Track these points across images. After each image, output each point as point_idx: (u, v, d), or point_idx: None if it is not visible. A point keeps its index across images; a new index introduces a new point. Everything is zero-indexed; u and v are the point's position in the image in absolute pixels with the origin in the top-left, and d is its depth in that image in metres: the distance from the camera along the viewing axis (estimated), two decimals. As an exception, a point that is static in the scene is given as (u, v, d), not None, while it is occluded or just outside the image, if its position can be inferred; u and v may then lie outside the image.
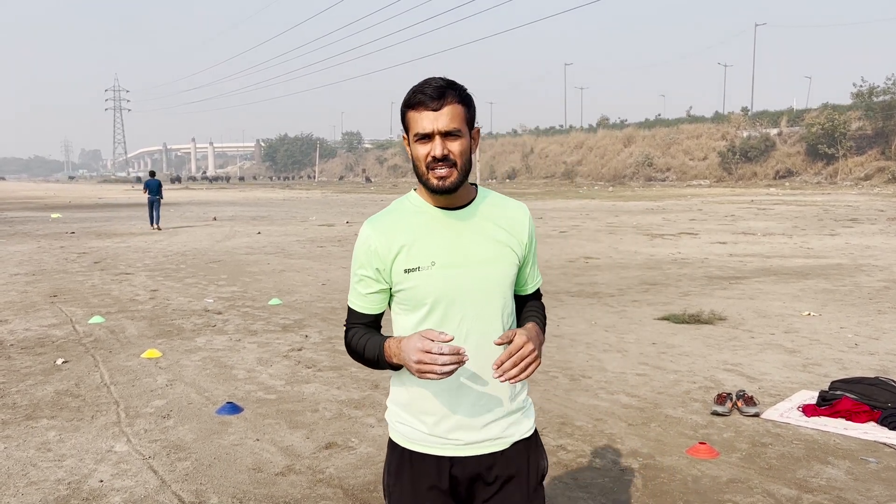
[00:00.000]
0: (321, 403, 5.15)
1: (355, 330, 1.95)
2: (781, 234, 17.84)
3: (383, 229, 1.87)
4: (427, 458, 1.90)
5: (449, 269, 1.83)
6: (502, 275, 1.88)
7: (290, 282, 10.80)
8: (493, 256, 1.87)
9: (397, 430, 1.95)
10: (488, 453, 1.90)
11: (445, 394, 1.87)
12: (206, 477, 3.92)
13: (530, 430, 1.98)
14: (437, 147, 1.76)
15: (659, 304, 8.72)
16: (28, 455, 4.23)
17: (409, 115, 1.80)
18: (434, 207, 1.87)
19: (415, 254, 1.84)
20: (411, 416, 1.92)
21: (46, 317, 8.25)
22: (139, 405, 5.12)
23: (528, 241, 1.94)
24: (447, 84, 1.79)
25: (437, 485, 1.89)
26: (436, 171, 1.77)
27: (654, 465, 4.04)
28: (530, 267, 1.99)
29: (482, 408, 1.88)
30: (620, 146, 73.04)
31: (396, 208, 1.92)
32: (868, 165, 53.00)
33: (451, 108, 1.76)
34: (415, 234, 1.85)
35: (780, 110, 66.47)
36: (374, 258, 1.86)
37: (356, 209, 31.17)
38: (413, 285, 1.84)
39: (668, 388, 5.44)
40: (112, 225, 22.79)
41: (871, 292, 9.44)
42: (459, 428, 1.88)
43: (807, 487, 3.73)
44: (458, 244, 1.85)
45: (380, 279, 1.88)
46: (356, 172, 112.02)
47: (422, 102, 1.76)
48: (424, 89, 1.77)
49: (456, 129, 1.77)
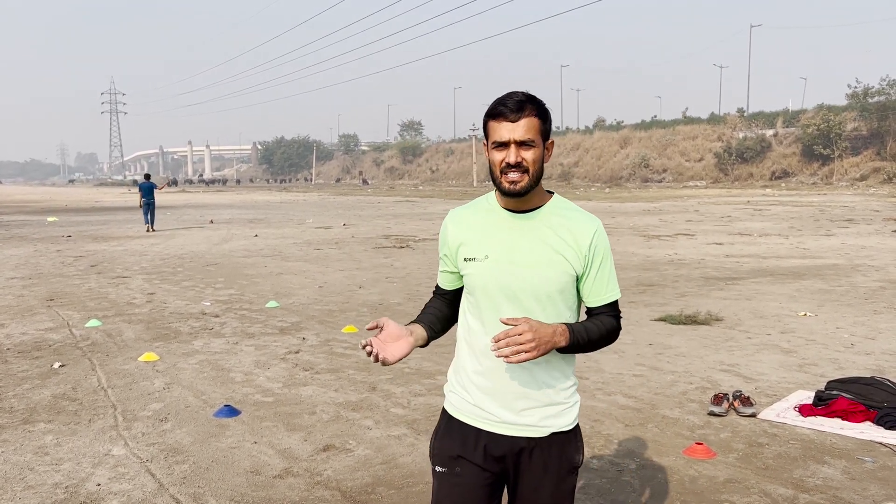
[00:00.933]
0: (319, 406, 5.16)
1: (432, 299, 2.24)
2: (777, 234, 17.88)
3: (456, 220, 2.12)
4: (466, 427, 2.06)
5: (497, 265, 2.00)
6: (546, 279, 1.98)
7: (288, 284, 10.79)
8: (542, 260, 1.98)
9: (449, 400, 2.14)
10: (523, 436, 2.03)
11: (493, 372, 2.02)
12: (204, 480, 3.92)
13: (570, 426, 2.08)
14: (512, 154, 1.92)
15: (656, 305, 8.74)
16: (25, 459, 4.23)
17: (489, 125, 1.97)
18: (501, 208, 2.05)
19: (475, 245, 2.04)
20: (461, 388, 2.10)
21: (43, 320, 8.24)
22: (136, 408, 5.12)
23: (590, 253, 2.01)
24: (527, 98, 1.95)
25: (471, 454, 2.05)
26: (508, 175, 1.94)
27: (652, 466, 4.05)
28: (593, 279, 2.04)
29: (523, 393, 2.02)
30: (617, 147, 73.17)
31: (473, 204, 2.14)
32: (863, 166, 53.17)
33: (528, 120, 1.93)
34: (479, 229, 2.06)
35: (776, 111, 66.71)
36: (444, 243, 2.13)
37: (353, 211, 31.17)
38: (469, 273, 2.05)
39: (665, 389, 5.45)
40: (109, 228, 22.76)
41: (867, 292, 9.46)
42: (499, 406, 2.03)
43: (803, 487, 3.74)
44: (512, 243, 2.01)
45: (449, 262, 2.13)
46: (353, 175, 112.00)
47: (502, 114, 1.93)
48: (506, 102, 1.94)
49: (530, 139, 1.93)
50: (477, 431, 2.05)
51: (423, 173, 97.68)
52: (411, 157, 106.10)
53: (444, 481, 2.09)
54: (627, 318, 8.05)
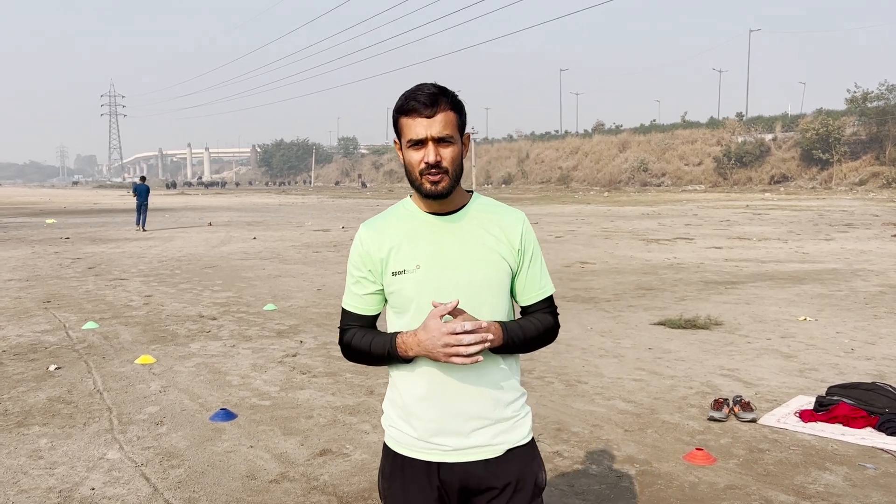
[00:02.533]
0: (316, 410, 5.12)
1: (353, 331, 1.95)
2: (777, 238, 17.86)
3: (375, 232, 1.92)
4: (416, 463, 1.90)
5: (433, 273, 1.85)
6: (488, 280, 1.86)
7: (286, 287, 10.76)
8: (478, 261, 1.86)
9: (390, 435, 1.96)
10: (477, 460, 1.87)
11: (433, 398, 1.87)
12: (199, 484, 3.88)
13: (525, 439, 1.93)
14: (430, 153, 1.78)
15: (655, 310, 8.71)
16: (19, 463, 4.18)
17: (401, 122, 1.82)
18: (424, 212, 1.90)
19: (402, 257, 1.87)
20: (402, 421, 1.92)
21: (40, 322, 8.19)
22: (132, 412, 5.08)
23: (521, 248, 1.91)
24: (439, 90, 1.81)
25: (427, 490, 1.89)
26: (428, 176, 1.80)
27: (651, 472, 4.01)
28: (526, 275, 1.93)
29: (469, 413, 1.86)
30: (616, 151, 73.19)
31: (390, 212, 1.96)
32: (862, 170, 53.21)
33: (444, 115, 1.79)
34: (403, 238, 1.88)
35: (775, 116, 66.77)
36: (367, 259, 1.91)
37: (352, 214, 31.14)
38: (399, 288, 1.87)
39: (665, 394, 5.41)
40: (107, 230, 22.72)
41: (867, 297, 9.44)
42: (446, 433, 1.87)
43: (804, 494, 3.71)
44: (443, 248, 1.86)
45: (375, 280, 1.91)
46: (352, 178, 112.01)
47: (415, 109, 1.78)
48: (417, 96, 1.79)
49: (449, 135, 1.79)
50: (426, 465, 1.88)
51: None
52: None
53: None
54: (626, 322, 8.03)
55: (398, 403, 1.94)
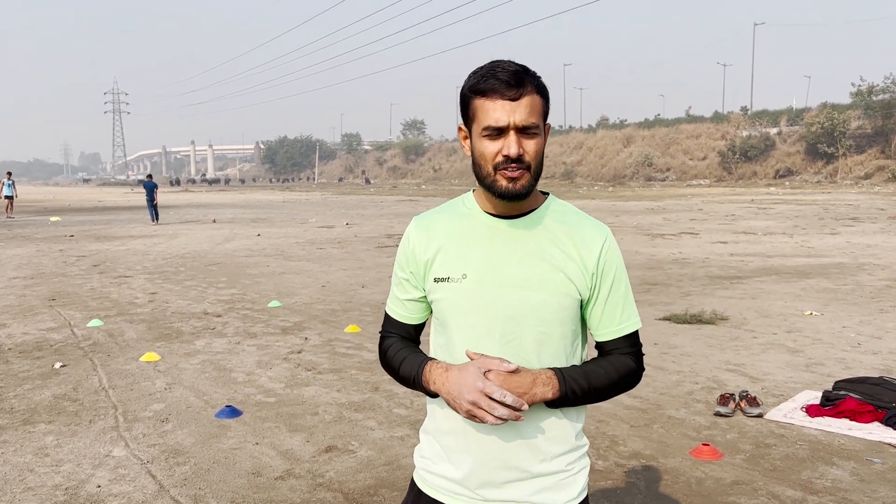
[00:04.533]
0: (321, 406, 5.12)
1: (392, 341, 1.71)
2: (782, 233, 17.81)
3: (424, 228, 1.64)
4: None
5: (479, 286, 1.55)
6: (545, 304, 1.54)
7: (290, 284, 10.76)
8: (538, 279, 1.54)
9: (417, 465, 1.75)
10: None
11: (466, 437, 1.59)
12: (205, 482, 3.89)
13: (573, 501, 1.61)
14: (513, 145, 1.47)
15: (660, 305, 8.69)
16: (25, 460, 4.19)
17: (476, 104, 1.50)
18: (482, 212, 1.61)
19: (447, 261, 1.59)
20: (433, 456, 1.68)
21: (45, 320, 8.21)
22: (137, 409, 5.09)
23: (599, 271, 1.58)
24: (524, 69, 1.50)
25: None
26: (506, 171, 1.49)
27: (657, 467, 4.00)
28: (603, 305, 1.60)
29: (506, 462, 1.58)
30: (620, 146, 73.06)
31: (446, 208, 1.68)
32: (868, 164, 53.02)
33: (531, 98, 1.48)
34: (454, 240, 1.60)
35: (780, 109, 66.54)
36: (412, 259, 1.64)
37: (356, 210, 31.15)
38: (440, 297, 1.60)
39: (671, 389, 5.40)
40: (111, 228, 22.76)
41: (873, 291, 9.40)
42: (477, 480, 1.60)
43: (812, 489, 3.69)
44: (498, 258, 1.56)
45: (417, 284, 1.65)
46: (356, 174, 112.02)
47: (496, 89, 1.46)
48: (498, 73, 1.47)
49: (534, 123, 1.49)
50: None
51: (425, 172, 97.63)
52: (414, 156, 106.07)
53: None
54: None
55: (432, 433, 1.69)
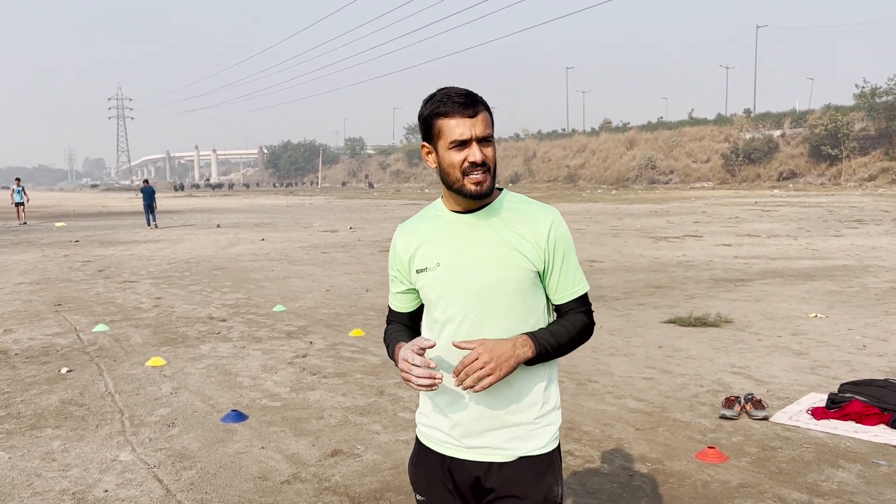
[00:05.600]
0: (326, 410, 5.13)
1: (388, 327, 2.08)
2: (786, 235, 17.78)
3: (405, 232, 1.99)
4: (433, 454, 1.97)
5: (451, 271, 1.87)
6: (505, 278, 1.85)
7: (294, 288, 10.78)
8: (497, 259, 1.85)
9: (417, 423, 2.06)
10: (486, 461, 1.89)
11: (450, 395, 1.91)
12: (211, 486, 3.90)
13: (541, 449, 1.90)
14: (476, 153, 1.80)
15: (665, 307, 8.68)
16: (32, 465, 4.21)
17: (440, 123, 1.82)
18: (449, 211, 1.93)
19: (425, 255, 1.92)
20: (428, 412, 2.00)
21: (51, 325, 8.24)
22: (144, 414, 5.10)
23: (549, 246, 1.87)
24: (471, 92, 1.84)
25: (442, 481, 1.95)
26: (472, 176, 1.82)
27: (663, 470, 4.00)
28: (557, 274, 1.90)
29: (483, 413, 1.88)
30: (623, 149, 73.02)
31: (422, 214, 2.02)
32: (872, 166, 52.91)
33: (483, 115, 1.82)
34: (427, 237, 1.93)
35: (783, 112, 66.43)
36: (396, 260, 2.00)
37: (359, 215, 31.19)
38: (422, 284, 1.93)
39: (676, 392, 5.40)
40: (116, 233, 22.82)
41: (878, 293, 9.38)
42: (460, 429, 1.91)
43: (818, 491, 3.69)
44: (464, 246, 1.88)
45: (403, 279, 1.99)
46: (359, 178, 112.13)
47: (455, 111, 1.80)
48: (454, 97, 1.80)
49: (489, 134, 1.83)
50: (441, 458, 1.94)
51: (428, 176, 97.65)
52: (417, 160, 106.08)
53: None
54: (636, 320, 8.00)
55: (427, 396, 2.00)
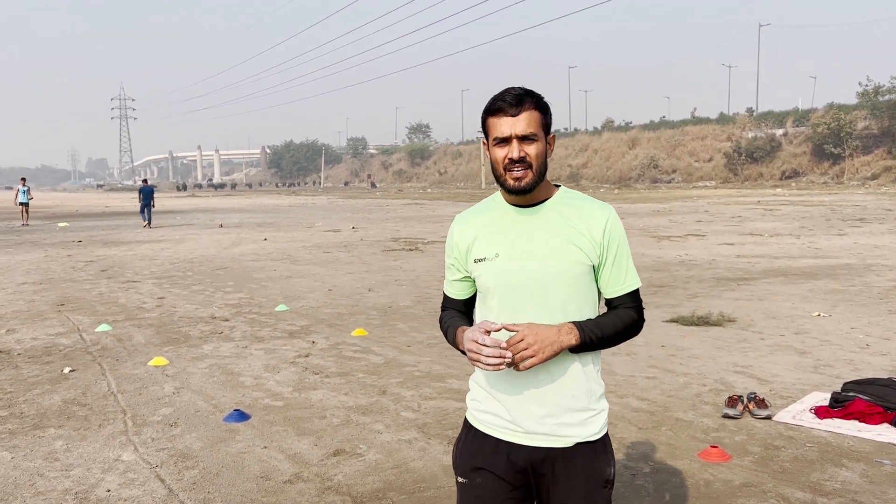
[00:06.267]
0: (329, 410, 5.13)
1: (445, 314, 2.14)
2: (789, 234, 17.75)
3: (463, 222, 2.07)
4: (488, 439, 2.00)
5: (510, 262, 1.94)
6: (562, 271, 1.92)
7: (297, 288, 10.78)
8: (555, 252, 1.92)
9: (469, 407, 2.09)
10: (544, 446, 1.95)
11: (509, 380, 1.96)
12: (214, 485, 3.90)
13: (596, 435, 1.98)
14: (514, 150, 1.88)
15: (667, 307, 8.67)
16: (35, 465, 4.21)
17: (489, 122, 1.93)
18: (508, 204, 2.00)
19: (483, 245, 1.99)
20: (482, 398, 2.04)
21: (53, 325, 8.25)
22: (146, 413, 5.11)
23: (605, 241, 1.95)
24: (525, 92, 1.91)
25: (492, 465, 1.99)
26: (512, 172, 1.89)
27: (666, 470, 3.99)
28: (610, 269, 1.98)
29: (541, 400, 1.94)
30: (625, 148, 72.96)
31: (480, 205, 2.09)
32: (875, 165, 52.80)
33: (529, 113, 1.88)
34: (487, 228, 2.01)
35: (786, 111, 66.32)
36: (454, 249, 2.06)
37: (362, 215, 31.19)
38: (480, 274, 2.00)
39: (679, 391, 5.39)
40: (119, 233, 22.85)
41: (882, 292, 9.36)
42: (519, 414, 1.96)
43: (821, 491, 3.68)
44: (522, 239, 1.95)
45: (460, 267, 2.06)
46: (361, 178, 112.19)
47: (501, 109, 1.89)
48: (504, 97, 1.89)
49: (532, 133, 1.88)
50: (497, 442, 1.99)
51: (431, 176, 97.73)
52: (419, 159, 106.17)
53: (465, 492, 2.05)
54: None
55: (479, 382, 2.05)
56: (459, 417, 4.90)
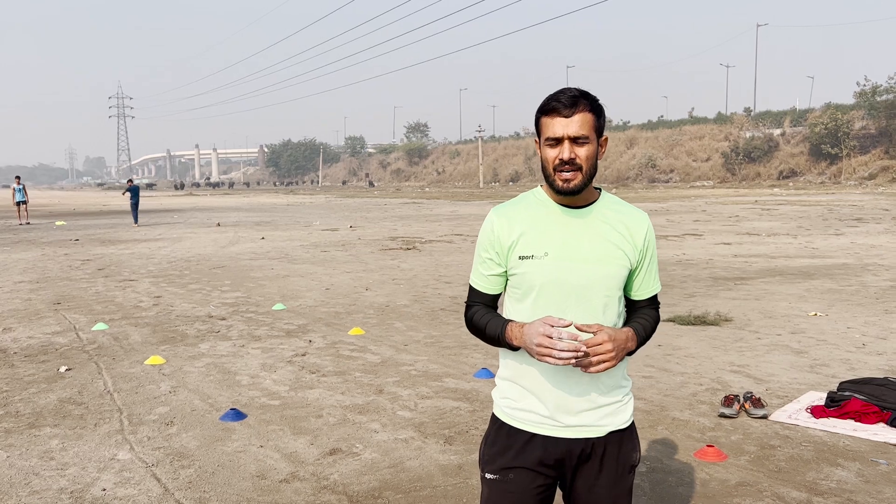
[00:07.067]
0: (325, 409, 5.12)
1: (476, 308, 2.09)
2: (786, 234, 17.77)
3: (506, 216, 2.02)
4: (519, 433, 2.02)
5: (560, 262, 1.95)
6: (609, 274, 1.97)
7: (294, 287, 10.77)
8: (603, 256, 1.96)
9: (499, 405, 2.09)
10: (582, 438, 2.00)
11: (547, 376, 1.98)
12: (210, 484, 3.89)
13: (626, 423, 2.07)
14: (566, 151, 1.88)
15: (664, 306, 8.66)
16: (30, 464, 4.20)
17: (542, 121, 1.93)
18: (555, 203, 2.00)
19: (531, 242, 1.97)
20: (517, 395, 2.04)
21: (50, 324, 8.23)
22: (142, 412, 5.10)
23: (644, 248, 2.03)
24: (580, 93, 1.91)
25: (524, 459, 2.01)
26: (562, 173, 1.90)
27: (662, 469, 3.99)
28: (644, 273, 2.06)
29: (580, 395, 1.99)
30: (623, 148, 73.00)
31: (521, 200, 2.06)
32: (872, 164, 52.89)
33: (582, 115, 1.88)
34: (533, 225, 1.99)
35: (783, 110, 66.42)
36: (496, 243, 2.02)
37: (360, 213, 31.18)
38: (525, 271, 1.98)
39: (675, 391, 5.39)
40: (116, 232, 22.82)
41: (878, 292, 9.38)
42: (557, 410, 1.99)
43: (817, 490, 3.68)
44: (571, 239, 1.96)
45: (500, 262, 2.03)
46: (359, 177, 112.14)
47: (555, 109, 1.89)
48: (559, 97, 1.89)
49: (584, 135, 1.89)
50: (531, 436, 2.01)
51: (429, 175, 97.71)
52: (417, 158, 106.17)
53: (495, 488, 2.05)
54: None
55: (510, 378, 2.06)
56: (457, 416, 4.90)
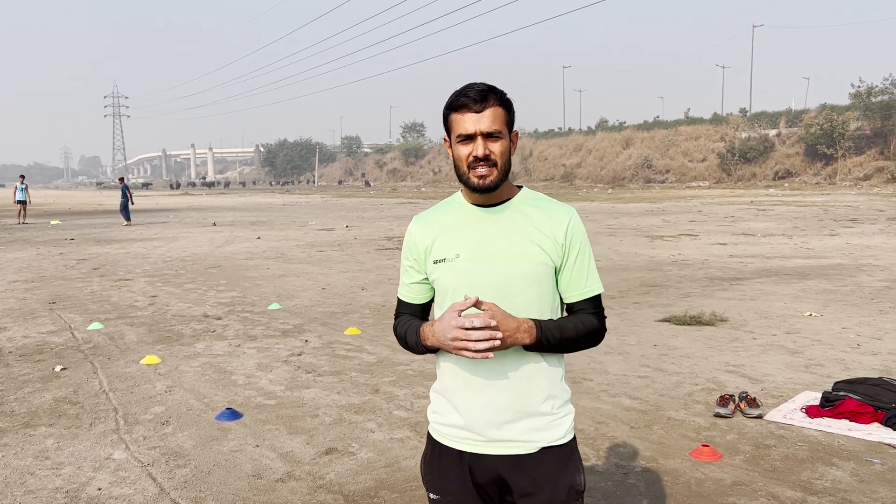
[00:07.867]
0: (321, 409, 5.12)
1: (402, 318, 2.03)
2: (781, 234, 17.82)
3: (422, 223, 1.99)
4: (451, 452, 1.93)
5: (472, 262, 1.87)
6: (525, 272, 1.86)
7: (290, 287, 10.76)
8: (518, 253, 1.86)
9: (431, 421, 2.02)
10: (509, 454, 1.88)
11: (467, 388, 1.89)
12: (206, 484, 3.89)
13: (561, 439, 1.90)
14: (479, 147, 1.82)
15: (660, 306, 8.69)
16: (26, 463, 4.20)
17: (452, 118, 1.86)
18: (469, 204, 1.94)
19: (443, 245, 1.92)
20: (442, 409, 1.96)
21: (45, 323, 8.21)
22: (138, 412, 5.09)
23: (566, 243, 1.89)
24: (489, 88, 1.85)
25: (461, 479, 1.92)
26: (476, 170, 1.83)
27: (657, 469, 4.00)
28: (570, 271, 1.90)
29: (502, 406, 1.87)
30: (619, 148, 73.05)
31: (441, 205, 2.02)
32: (867, 165, 53.00)
33: (493, 110, 1.83)
34: (446, 228, 1.94)
35: (779, 111, 66.46)
36: (413, 249, 1.98)
37: (356, 213, 31.16)
38: (440, 275, 1.92)
39: (671, 391, 5.40)
40: (111, 231, 22.76)
41: (873, 292, 9.41)
42: (479, 424, 1.88)
43: (811, 489, 3.70)
44: (484, 239, 1.89)
45: (420, 269, 1.98)
46: (356, 177, 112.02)
47: (465, 105, 1.83)
48: (467, 92, 1.83)
49: (497, 130, 1.83)
50: (460, 454, 1.91)
51: (425, 175, 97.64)
52: (413, 158, 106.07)
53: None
54: (632, 318, 8.01)
55: (439, 391, 1.98)
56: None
